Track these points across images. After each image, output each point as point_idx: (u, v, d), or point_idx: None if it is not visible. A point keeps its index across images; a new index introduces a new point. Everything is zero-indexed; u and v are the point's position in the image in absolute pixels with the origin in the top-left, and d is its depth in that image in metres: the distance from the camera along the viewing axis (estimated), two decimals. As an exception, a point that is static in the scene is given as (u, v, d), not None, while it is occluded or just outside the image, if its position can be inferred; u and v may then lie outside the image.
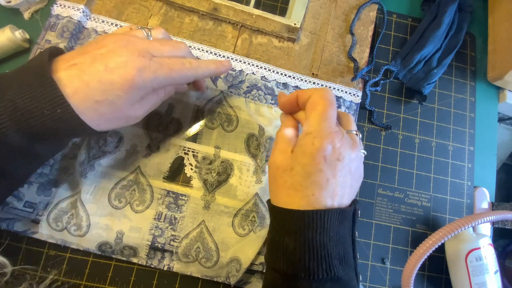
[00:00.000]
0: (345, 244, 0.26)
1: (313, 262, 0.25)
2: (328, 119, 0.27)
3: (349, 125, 0.30)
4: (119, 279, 0.35)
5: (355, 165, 0.27)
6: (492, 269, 0.37)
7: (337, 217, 0.26)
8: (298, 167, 0.26)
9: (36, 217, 0.33)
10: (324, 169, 0.26)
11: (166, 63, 0.28)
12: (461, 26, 0.47)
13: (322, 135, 0.26)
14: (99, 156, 0.35)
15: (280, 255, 0.26)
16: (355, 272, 0.27)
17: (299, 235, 0.25)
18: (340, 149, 0.26)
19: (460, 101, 0.46)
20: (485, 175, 0.45)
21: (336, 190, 0.26)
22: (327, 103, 0.28)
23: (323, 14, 0.44)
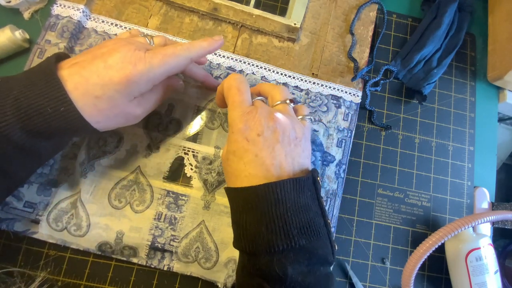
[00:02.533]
0: (308, 213, 0.26)
1: (271, 234, 0.25)
2: (239, 105, 0.29)
3: (277, 97, 0.31)
4: (119, 279, 0.35)
5: (280, 133, 0.28)
6: (492, 269, 0.37)
7: (292, 186, 0.26)
8: (231, 156, 0.28)
9: (36, 217, 0.33)
10: (249, 148, 0.27)
11: (158, 51, 0.29)
12: (461, 26, 0.47)
13: (237, 121, 0.28)
14: (99, 156, 0.35)
15: (241, 235, 0.27)
16: (330, 241, 0.27)
17: (255, 210, 0.26)
18: (256, 125, 0.28)
19: (460, 101, 0.46)
20: (485, 175, 0.45)
21: (269, 161, 0.27)
22: (234, 90, 0.29)
23: (323, 14, 0.44)
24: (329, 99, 0.41)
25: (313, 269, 0.26)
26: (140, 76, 0.27)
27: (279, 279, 0.24)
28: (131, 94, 0.28)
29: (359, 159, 0.42)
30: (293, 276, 0.24)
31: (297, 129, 0.30)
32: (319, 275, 0.26)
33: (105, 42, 0.29)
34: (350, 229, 0.40)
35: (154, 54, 0.28)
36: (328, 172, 0.39)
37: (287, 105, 0.31)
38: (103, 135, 0.36)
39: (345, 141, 0.40)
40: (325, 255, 0.26)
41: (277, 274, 0.24)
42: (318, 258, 0.26)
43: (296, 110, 0.33)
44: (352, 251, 0.39)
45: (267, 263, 0.25)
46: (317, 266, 0.26)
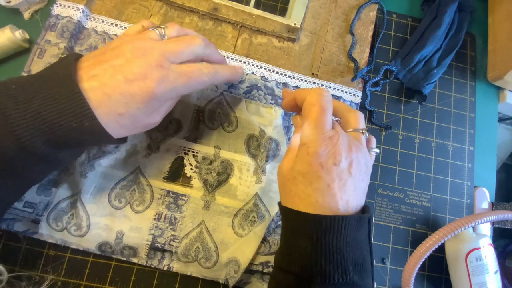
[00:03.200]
0: (362, 250, 0.26)
1: (329, 266, 0.25)
2: (321, 126, 0.27)
3: (353, 124, 0.30)
4: (119, 279, 0.35)
5: (354, 166, 0.27)
6: (492, 269, 0.37)
7: (355, 223, 0.26)
8: (299, 176, 0.27)
9: (36, 217, 0.33)
10: (323, 175, 0.26)
11: (184, 72, 0.28)
12: (461, 26, 0.47)
13: (316, 144, 0.26)
14: (99, 156, 0.35)
15: (296, 258, 0.26)
16: (372, 278, 0.27)
17: (316, 239, 0.25)
18: (335, 154, 0.26)
19: (460, 101, 0.46)
20: (485, 175, 0.45)
21: (339, 195, 0.26)
22: (319, 109, 0.27)
23: (323, 14, 0.44)
24: (329, 99, 0.41)
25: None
26: (163, 95, 0.27)
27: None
28: (153, 110, 0.28)
29: (359, 159, 0.42)
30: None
31: (367, 163, 0.28)
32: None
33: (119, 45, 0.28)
34: (350, 229, 0.40)
35: (179, 75, 0.28)
36: (328, 172, 0.39)
37: (362, 135, 0.29)
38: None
39: (345, 141, 0.40)
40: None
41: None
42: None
43: (368, 141, 0.31)
44: (352, 251, 0.39)
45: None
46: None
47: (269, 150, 0.37)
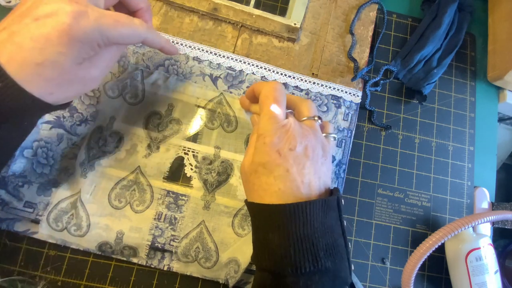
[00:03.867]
0: (333, 234, 0.26)
1: (298, 255, 0.24)
2: (274, 117, 0.28)
3: (305, 113, 0.31)
4: (119, 279, 0.35)
5: (310, 150, 0.28)
6: (492, 269, 0.37)
7: (320, 207, 0.26)
8: (259, 168, 0.27)
9: (36, 217, 0.33)
10: (281, 162, 0.26)
11: (109, 14, 0.25)
12: (461, 26, 0.47)
13: (271, 133, 0.27)
14: (99, 156, 0.35)
15: (266, 253, 0.26)
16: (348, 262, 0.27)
17: (282, 230, 0.25)
18: (290, 139, 0.27)
19: (460, 101, 0.46)
20: (485, 175, 0.45)
21: (300, 179, 0.26)
22: (273, 101, 0.28)
23: (323, 14, 0.44)
24: (329, 99, 0.41)
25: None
26: (85, 35, 0.23)
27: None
28: (79, 56, 0.24)
29: (359, 159, 0.42)
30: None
31: (324, 147, 0.29)
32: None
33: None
34: (350, 229, 0.40)
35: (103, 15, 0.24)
36: (328, 172, 0.39)
37: (315, 122, 0.30)
38: (103, 135, 0.36)
39: (345, 141, 0.40)
40: (346, 277, 0.26)
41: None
42: (341, 280, 0.26)
43: (323, 127, 0.32)
44: (352, 251, 0.39)
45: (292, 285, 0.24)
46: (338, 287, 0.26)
47: (269, 150, 0.37)
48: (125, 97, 0.37)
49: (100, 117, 0.36)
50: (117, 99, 0.37)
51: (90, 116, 0.36)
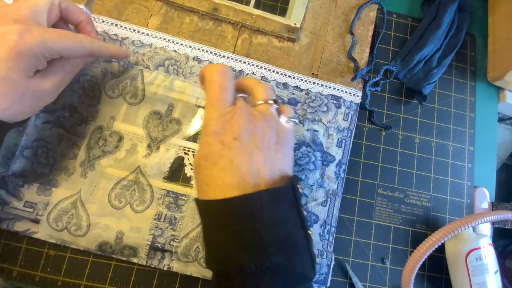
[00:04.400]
0: (287, 227, 0.24)
1: (243, 253, 0.22)
2: (217, 103, 0.26)
3: (259, 97, 0.28)
4: (119, 279, 0.35)
5: (260, 137, 0.25)
6: (492, 269, 0.37)
7: (268, 198, 0.23)
8: (202, 161, 0.25)
9: (36, 217, 0.33)
10: (224, 153, 0.24)
11: (52, 30, 0.27)
12: (461, 26, 0.47)
13: (212, 122, 0.25)
14: (99, 156, 0.35)
15: (211, 254, 0.24)
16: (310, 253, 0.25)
17: (226, 227, 0.23)
18: (234, 128, 0.25)
19: (460, 101, 0.46)
20: (485, 175, 0.45)
21: (245, 168, 0.24)
22: (214, 87, 0.27)
23: (323, 14, 0.44)
24: (329, 99, 0.41)
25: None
26: (31, 48, 0.25)
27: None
28: (28, 69, 0.26)
29: (359, 159, 0.42)
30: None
31: (279, 132, 0.27)
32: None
33: None
34: (350, 229, 0.40)
35: (47, 30, 0.26)
36: (328, 172, 0.39)
37: (270, 106, 0.28)
38: (103, 135, 0.36)
39: (345, 141, 0.40)
40: (305, 273, 0.24)
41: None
42: (297, 276, 0.24)
43: (280, 112, 0.30)
44: (352, 251, 0.39)
45: (238, 286, 0.23)
46: (294, 285, 0.24)
47: (269, 150, 0.37)
48: (125, 97, 0.37)
49: (100, 117, 0.36)
50: (117, 99, 0.37)
51: (90, 116, 0.36)
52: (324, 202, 0.38)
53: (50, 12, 0.29)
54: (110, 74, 0.37)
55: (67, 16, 0.32)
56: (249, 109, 0.27)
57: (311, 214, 0.38)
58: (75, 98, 0.36)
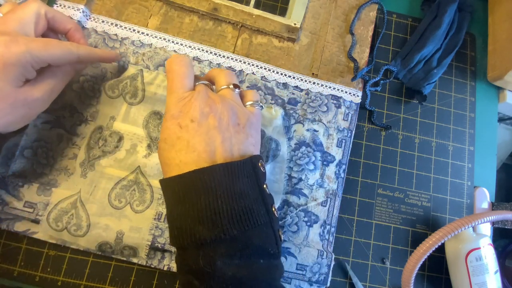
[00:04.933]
0: (245, 200, 0.25)
1: (198, 225, 0.23)
2: (175, 90, 0.28)
3: (221, 82, 0.30)
4: (119, 279, 0.35)
5: (218, 118, 0.27)
6: (492, 269, 0.37)
7: (223, 172, 0.24)
8: (162, 144, 0.27)
9: (36, 217, 0.33)
10: (181, 135, 0.26)
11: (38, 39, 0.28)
12: (461, 26, 0.47)
13: (171, 107, 0.27)
14: (99, 156, 0.35)
15: (172, 229, 0.25)
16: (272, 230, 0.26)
17: (183, 201, 0.24)
18: (191, 111, 0.26)
19: (460, 101, 0.46)
20: (485, 175, 0.45)
21: (202, 148, 0.26)
22: (172, 75, 0.28)
23: (323, 14, 0.44)
24: (329, 99, 0.41)
25: (248, 261, 0.24)
26: (17, 58, 0.26)
27: (206, 274, 0.23)
28: (17, 79, 0.26)
29: (359, 159, 0.42)
30: (222, 269, 0.23)
31: (239, 114, 0.28)
32: (256, 267, 0.24)
33: None
34: (350, 229, 0.40)
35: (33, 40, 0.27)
36: (328, 172, 0.39)
37: (231, 90, 0.30)
38: (103, 135, 0.36)
39: (345, 141, 0.40)
40: (264, 246, 0.25)
41: (204, 269, 0.23)
42: (255, 249, 0.24)
43: (244, 96, 0.31)
44: (352, 251, 0.39)
45: (194, 258, 0.23)
46: (254, 258, 0.24)
47: (269, 150, 0.37)
48: (125, 97, 0.37)
49: (100, 117, 0.36)
50: (117, 99, 0.37)
51: (90, 116, 0.36)
52: (324, 202, 0.38)
53: (37, 23, 0.29)
54: (110, 74, 0.37)
55: (55, 25, 0.32)
56: (208, 93, 0.28)
57: (311, 214, 0.38)
58: (75, 98, 0.36)
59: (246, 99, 0.31)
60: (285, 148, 0.38)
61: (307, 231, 0.37)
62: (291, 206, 0.37)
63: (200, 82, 0.29)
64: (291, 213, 0.37)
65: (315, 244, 0.37)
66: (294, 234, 0.37)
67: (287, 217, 0.37)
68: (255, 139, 0.29)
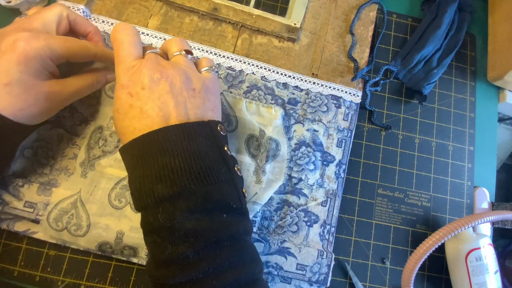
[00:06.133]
0: (204, 160, 0.25)
1: (156, 184, 0.24)
2: (122, 60, 0.28)
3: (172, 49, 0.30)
4: (119, 279, 0.35)
5: (169, 83, 0.26)
6: (492, 269, 0.37)
7: (178, 133, 0.25)
8: (115, 114, 0.27)
9: (36, 217, 0.33)
10: (133, 103, 0.26)
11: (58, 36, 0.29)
12: (461, 26, 0.47)
13: (120, 76, 0.27)
14: (99, 156, 0.35)
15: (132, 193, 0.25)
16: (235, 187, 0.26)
17: (140, 164, 0.25)
18: (140, 78, 0.26)
19: (460, 101, 0.46)
20: (485, 175, 0.45)
21: (155, 113, 0.26)
22: (117, 44, 0.28)
23: (323, 14, 0.44)
24: (329, 99, 0.41)
25: (209, 215, 0.24)
26: (37, 52, 0.27)
27: (167, 229, 0.23)
28: (38, 72, 0.28)
29: (359, 159, 0.42)
30: (183, 223, 0.23)
31: (193, 79, 0.28)
32: (218, 221, 0.24)
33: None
34: (350, 229, 0.40)
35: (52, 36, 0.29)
36: (328, 172, 0.39)
37: (184, 56, 0.29)
38: (103, 135, 0.36)
39: (345, 141, 0.40)
40: (226, 201, 0.25)
41: (165, 224, 0.23)
42: (215, 203, 0.25)
43: (198, 64, 0.31)
44: (352, 251, 0.39)
45: (154, 215, 0.24)
46: (215, 212, 0.25)
47: (269, 150, 0.37)
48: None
49: (100, 117, 0.36)
50: (117, 99, 0.37)
51: (90, 116, 0.36)
52: (324, 202, 0.38)
53: (59, 24, 0.31)
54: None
55: (76, 27, 0.33)
56: (158, 60, 0.28)
57: (311, 214, 0.38)
58: (75, 98, 0.36)
59: (201, 66, 0.31)
60: (285, 148, 0.38)
61: (307, 231, 0.37)
62: (291, 206, 0.37)
63: (150, 51, 0.29)
64: (291, 213, 0.37)
65: (315, 244, 0.37)
66: (294, 234, 0.37)
67: (287, 217, 0.37)
68: (213, 103, 0.29)
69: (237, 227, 0.26)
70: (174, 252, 0.23)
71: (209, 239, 0.24)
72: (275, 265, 0.35)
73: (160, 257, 0.24)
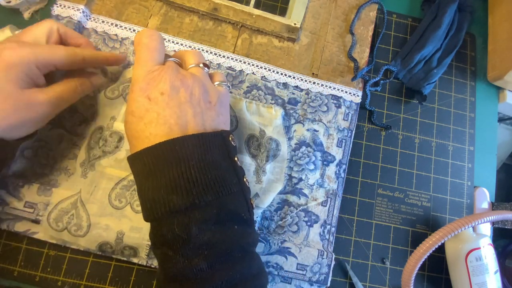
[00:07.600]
0: (217, 170, 0.25)
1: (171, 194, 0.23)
2: (145, 63, 0.27)
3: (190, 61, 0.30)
4: (119, 279, 0.35)
5: (188, 92, 0.27)
6: (492, 269, 0.37)
7: (195, 143, 0.25)
8: (129, 117, 0.26)
9: (37, 217, 0.33)
10: (150, 107, 0.26)
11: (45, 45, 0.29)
12: (461, 26, 0.47)
13: (140, 79, 0.26)
14: (99, 156, 0.35)
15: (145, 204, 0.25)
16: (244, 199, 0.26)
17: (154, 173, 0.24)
18: (161, 83, 0.26)
19: (460, 101, 0.46)
20: (485, 175, 0.45)
21: (173, 120, 0.25)
22: (141, 48, 0.28)
23: (323, 14, 0.44)
24: (329, 99, 0.41)
25: (223, 227, 0.24)
26: (21, 60, 0.26)
27: (182, 241, 0.23)
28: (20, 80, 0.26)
29: (359, 159, 0.42)
30: (198, 235, 0.23)
31: (211, 92, 0.28)
32: (231, 233, 0.24)
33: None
34: (350, 229, 0.40)
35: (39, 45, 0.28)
36: (328, 172, 0.39)
37: (201, 69, 0.29)
38: (104, 135, 0.36)
39: (345, 141, 0.40)
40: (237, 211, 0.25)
41: (179, 236, 0.23)
42: (229, 213, 0.24)
43: (212, 76, 0.31)
44: (352, 251, 0.39)
45: (168, 227, 0.23)
46: (229, 223, 0.24)
47: (269, 150, 0.37)
48: (125, 97, 0.37)
49: (100, 117, 0.36)
50: (117, 99, 0.37)
51: (90, 116, 0.36)
52: (324, 202, 0.38)
53: (49, 37, 0.30)
54: (110, 75, 0.37)
55: (67, 40, 0.33)
56: (178, 69, 0.28)
57: (311, 214, 0.38)
58: (75, 98, 0.36)
59: (215, 79, 0.31)
60: (285, 148, 0.38)
61: (307, 231, 0.37)
62: (292, 206, 0.37)
63: (170, 59, 0.29)
64: (292, 213, 0.37)
65: (315, 244, 0.37)
66: (294, 234, 0.37)
67: (287, 217, 0.37)
68: (225, 117, 0.30)
69: (247, 238, 0.26)
70: (187, 266, 0.23)
71: (222, 251, 0.23)
72: (276, 265, 0.35)
73: (171, 270, 0.23)
